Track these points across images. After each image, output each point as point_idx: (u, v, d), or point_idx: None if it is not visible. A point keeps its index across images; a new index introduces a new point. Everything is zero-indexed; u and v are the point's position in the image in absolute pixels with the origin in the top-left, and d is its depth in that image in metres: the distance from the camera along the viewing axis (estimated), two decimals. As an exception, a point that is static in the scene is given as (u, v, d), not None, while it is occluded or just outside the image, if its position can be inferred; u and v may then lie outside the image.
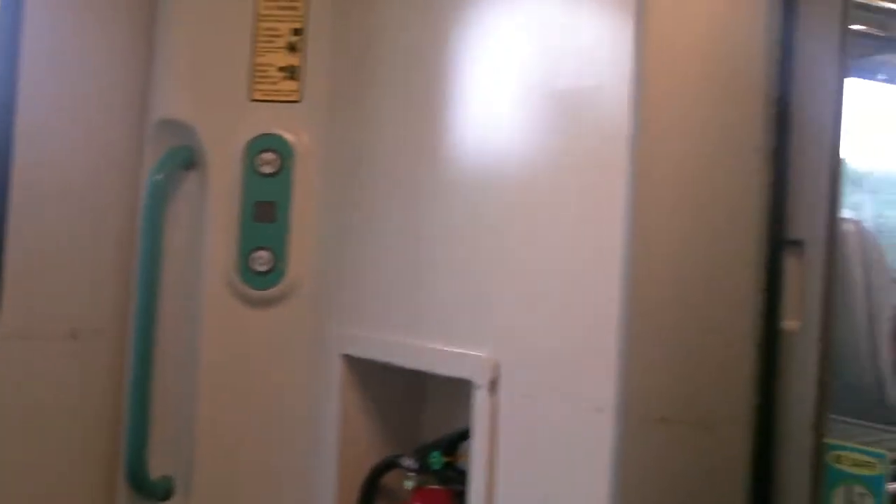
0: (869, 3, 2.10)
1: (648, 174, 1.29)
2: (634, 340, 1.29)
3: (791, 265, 1.36)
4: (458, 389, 1.49)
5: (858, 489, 1.35)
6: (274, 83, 1.76)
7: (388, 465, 1.70)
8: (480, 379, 1.44)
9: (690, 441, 1.33)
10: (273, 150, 1.75)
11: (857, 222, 2.43)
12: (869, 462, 1.35)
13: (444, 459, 1.61)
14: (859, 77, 2.85)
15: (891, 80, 3.19)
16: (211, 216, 1.78)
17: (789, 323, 1.36)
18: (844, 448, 1.36)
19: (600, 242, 1.32)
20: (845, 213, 2.53)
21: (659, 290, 1.31)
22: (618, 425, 1.28)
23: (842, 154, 1.35)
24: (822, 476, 1.35)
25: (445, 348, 1.51)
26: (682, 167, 1.32)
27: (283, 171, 1.75)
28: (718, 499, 1.36)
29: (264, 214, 1.74)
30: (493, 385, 1.43)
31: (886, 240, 2.55)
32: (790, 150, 1.36)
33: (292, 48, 1.77)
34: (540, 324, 1.40)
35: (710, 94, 1.34)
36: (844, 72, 1.35)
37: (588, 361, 1.33)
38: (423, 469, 1.63)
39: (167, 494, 1.85)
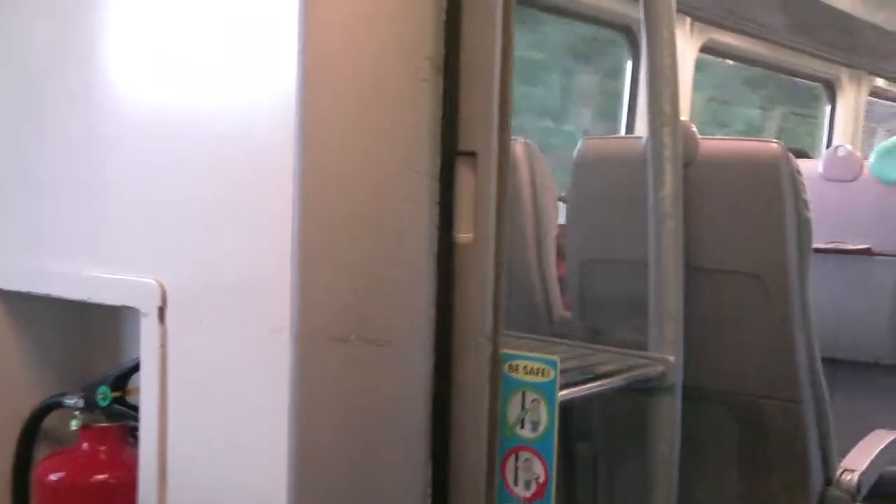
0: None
1: (318, 85, 1.25)
2: (308, 258, 1.25)
3: (464, 177, 1.36)
4: (129, 319, 1.40)
5: (532, 395, 1.39)
6: None
7: (50, 406, 1.58)
8: (147, 306, 1.35)
9: (371, 358, 1.32)
10: None
11: (525, 142, 2.50)
12: (542, 369, 1.39)
13: (113, 395, 1.52)
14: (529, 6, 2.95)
15: (555, 11, 3.33)
16: None
17: (464, 236, 1.37)
18: (519, 357, 1.39)
19: (269, 161, 1.27)
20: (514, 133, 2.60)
21: (332, 207, 1.28)
22: (294, 346, 1.24)
23: (511, 70, 1.36)
24: (499, 384, 1.37)
25: (107, 275, 1.41)
26: (353, 78, 1.29)
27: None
28: (402, 413, 1.36)
29: None
30: (162, 312, 1.35)
31: (552, 162, 2.65)
32: (461, 63, 1.36)
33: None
34: (209, 245, 1.33)
35: (378, 10, 1.30)
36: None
37: (261, 282, 1.28)
38: (90, 407, 1.53)
39: None
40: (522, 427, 1.40)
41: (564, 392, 1.73)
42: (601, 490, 2.44)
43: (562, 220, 2.58)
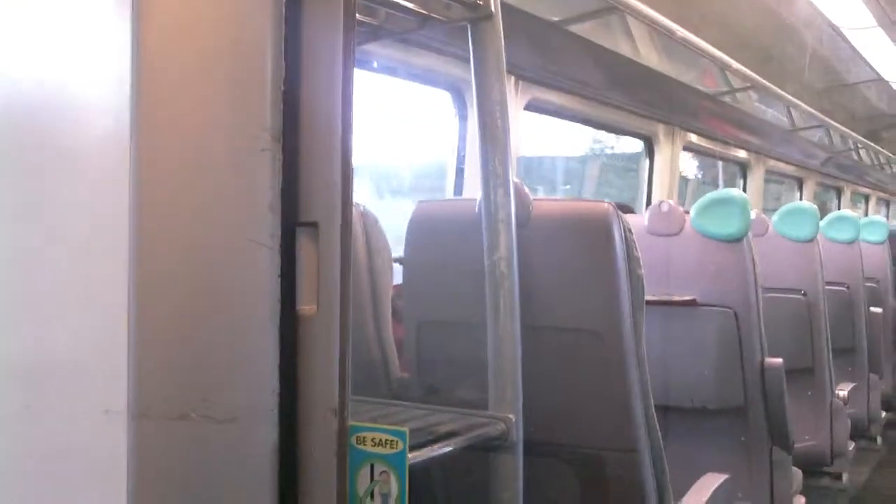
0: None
1: (150, 156, 1.22)
2: (144, 335, 1.21)
3: (306, 248, 1.34)
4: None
5: (381, 467, 1.37)
6: None
7: None
8: (-33, 392, 1.28)
9: (213, 435, 1.27)
10: None
11: (360, 206, 2.50)
12: (390, 440, 1.37)
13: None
14: (359, 67, 2.95)
15: (384, 71, 3.35)
16: None
17: (306, 307, 1.34)
18: (367, 429, 1.37)
19: (102, 235, 1.23)
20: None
21: (170, 286, 1.24)
22: (131, 427, 1.19)
23: (352, 137, 1.35)
24: (347, 458, 1.34)
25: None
26: (187, 149, 1.26)
27: None
28: (247, 490, 1.31)
29: None
30: (-15, 396, 1.28)
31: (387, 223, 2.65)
32: (300, 133, 1.34)
33: None
34: (38, 322, 1.27)
35: (214, 80, 1.28)
36: (350, 56, 1.35)
37: (94, 361, 1.23)
38: None
39: None
40: (372, 500, 1.38)
41: (409, 456, 1.72)
42: (447, 551, 2.43)
43: (398, 280, 2.58)
